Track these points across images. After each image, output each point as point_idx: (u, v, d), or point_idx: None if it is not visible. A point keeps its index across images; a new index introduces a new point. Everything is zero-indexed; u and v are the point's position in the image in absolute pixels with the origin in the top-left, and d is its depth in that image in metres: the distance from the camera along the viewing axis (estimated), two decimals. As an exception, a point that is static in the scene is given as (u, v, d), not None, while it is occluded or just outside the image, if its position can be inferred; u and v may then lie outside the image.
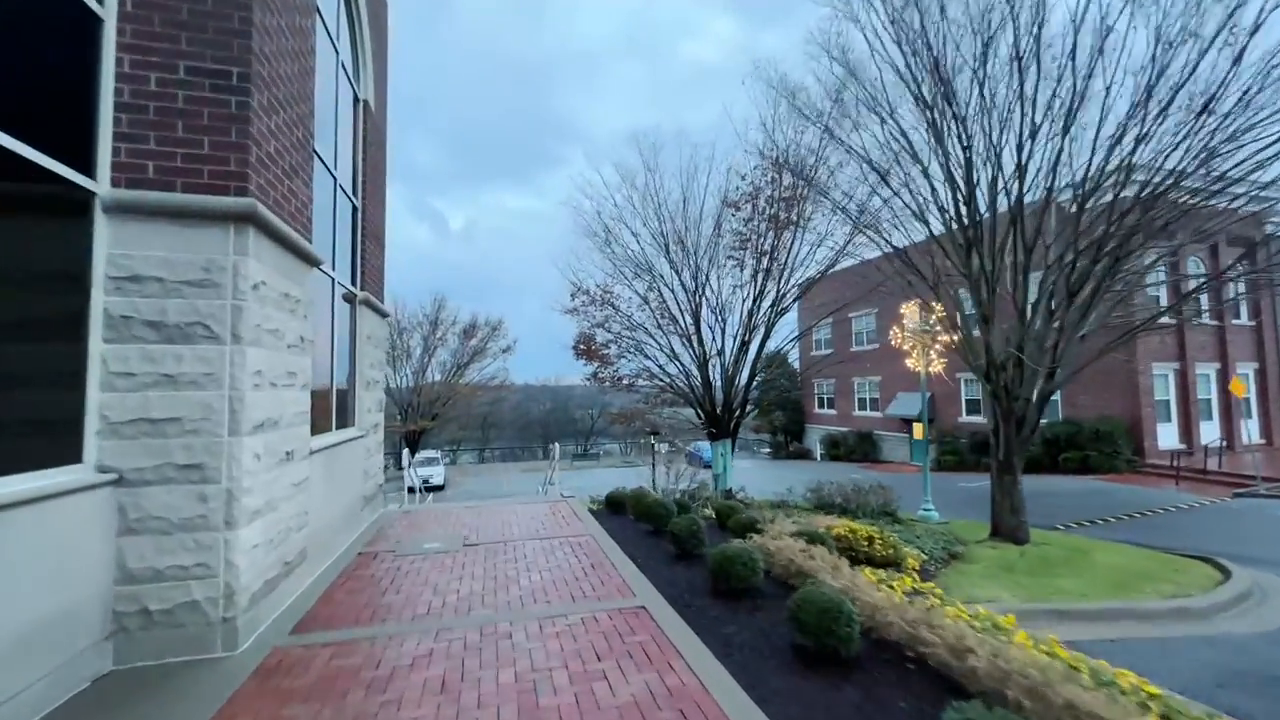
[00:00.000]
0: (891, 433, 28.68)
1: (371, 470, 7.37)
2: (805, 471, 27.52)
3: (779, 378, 25.47)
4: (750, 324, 15.63)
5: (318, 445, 5.19)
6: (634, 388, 17.67)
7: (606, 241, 16.08)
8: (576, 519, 7.50)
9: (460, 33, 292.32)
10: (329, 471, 5.58)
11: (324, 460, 5.42)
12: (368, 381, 7.19)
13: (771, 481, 22.09)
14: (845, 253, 14.84)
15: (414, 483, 10.65)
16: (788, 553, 4.68)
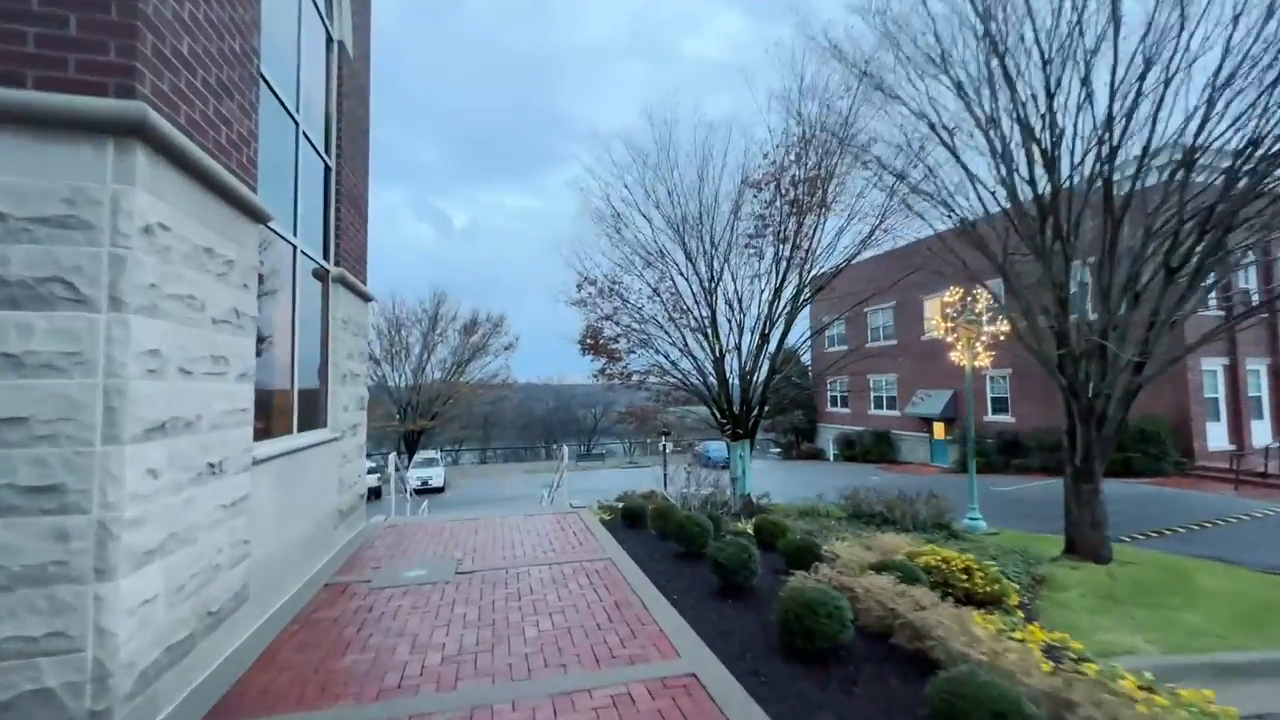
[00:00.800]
0: (910, 432, 27.49)
1: (349, 479, 6.26)
2: (821, 473, 26.37)
3: (793, 375, 24.28)
4: (771, 315, 14.49)
5: (268, 452, 4.08)
6: (644, 385, 16.55)
7: (616, 227, 14.97)
8: (590, 536, 6.37)
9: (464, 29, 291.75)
10: (286, 484, 4.47)
11: (278, 470, 4.30)
12: (344, 375, 6.07)
13: (790, 484, 20.97)
14: (880, 232, 13.68)
15: (405, 487, 9.57)
16: (881, 596, 3.54)
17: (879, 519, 9.66)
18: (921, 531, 8.42)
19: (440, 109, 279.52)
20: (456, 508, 22.42)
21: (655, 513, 6.65)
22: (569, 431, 61.36)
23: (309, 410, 5.42)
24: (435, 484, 26.04)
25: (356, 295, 6.64)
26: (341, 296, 6.06)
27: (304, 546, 4.82)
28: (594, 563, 5.27)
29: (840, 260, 14.73)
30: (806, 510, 11.95)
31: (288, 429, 4.74)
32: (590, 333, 16.55)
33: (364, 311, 7.02)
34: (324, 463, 5.47)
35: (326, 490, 5.54)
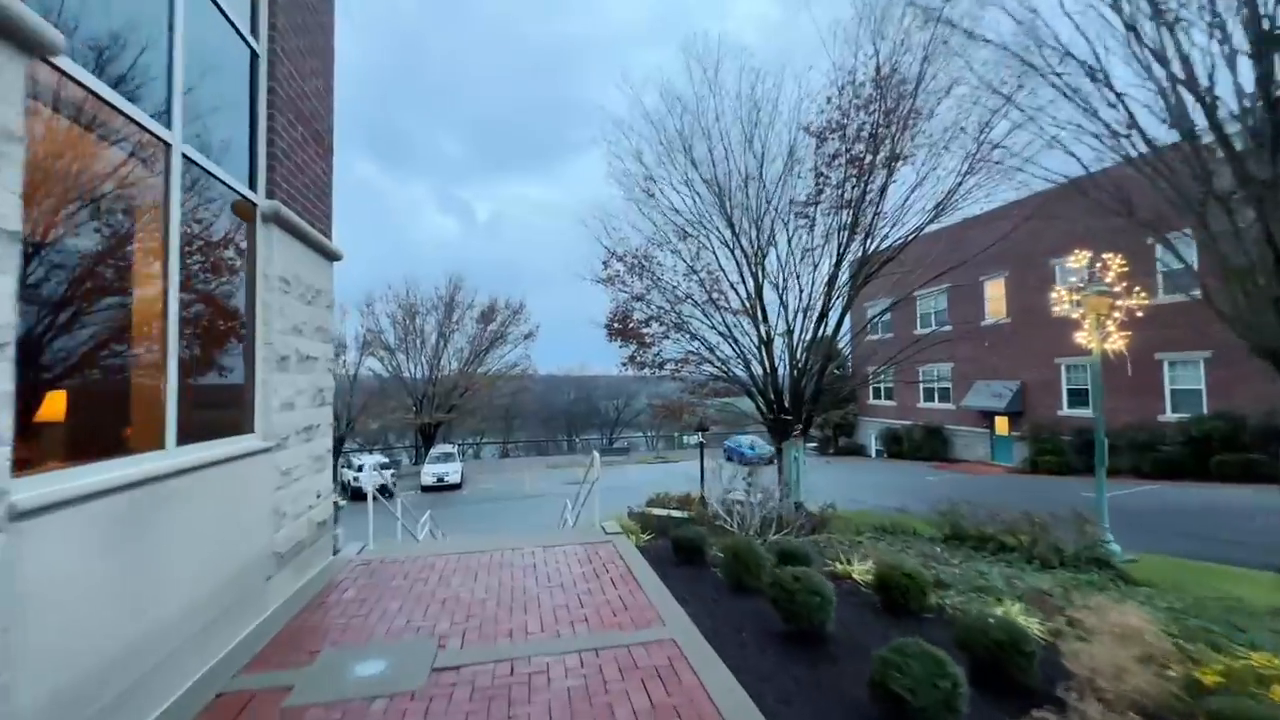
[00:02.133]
0: (967, 427, 25.01)
1: (296, 504, 4.44)
2: (868, 472, 24.07)
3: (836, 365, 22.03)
4: (832, 292, 12.37)
5: (77, 490, 2.24)
6: (678, 375, 14.59)
7: (647, 190, 12.97)
8: (634, 585, 4.46)
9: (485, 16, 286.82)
10: (138, 535, 2.64)
11: (115, 516, 2.47)
12: (283, 356, 4.24)
13: (838, 486, 18.77)
14: (960, 196, 11.40)
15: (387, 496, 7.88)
16: None
17: (992, 544, 7.56)
18: (1075, 570, 6.29)
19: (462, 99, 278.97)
20: (474, 506, 20.85)
21: (731, 556, 4.68)
22: (591, 424, 60.04)
23: (212, 410, 3.60)
24: (452, 480, 24.55)
25: (310, 247, 4.80)
26: (280, 244, 4.21)
27: (185, 630, 2.99)
28: (649, 649, 3.36)
29: (909, 230, 12.48)
30: (885, 526, 9.87)
31: (151, 442, 2.90)
32: (618, 315, 14.64)
33: (324, 272, 5.18)
34: (238, 488, 3.65)
35: (247, 528, 3.72)
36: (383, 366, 29.79)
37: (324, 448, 5.11)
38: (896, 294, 14.51)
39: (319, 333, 5.00)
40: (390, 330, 29.46)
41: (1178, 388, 17.44)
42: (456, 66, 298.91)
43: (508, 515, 18.83)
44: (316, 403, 4.93)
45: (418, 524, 8.99)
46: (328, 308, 5.24)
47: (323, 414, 5.08)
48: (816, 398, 13.92)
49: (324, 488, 5.12)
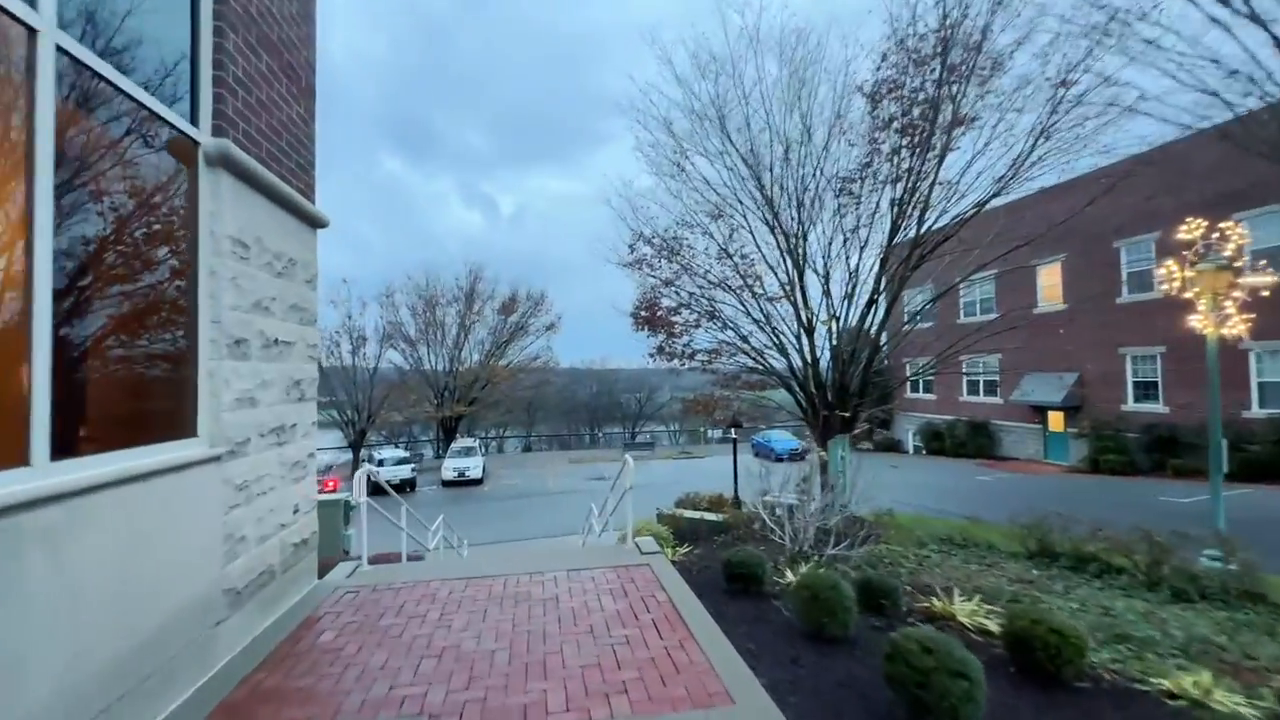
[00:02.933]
0: (1016, 423, 23.39)
1: (255, 527, 3.56)
2: (912, 470, 22.58)
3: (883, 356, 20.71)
4: (883, 274, 11.15)
5: None
6: (710, 367, 13.52)
7: (678, 163, 11.85)
8: (683, 631, 3.48)
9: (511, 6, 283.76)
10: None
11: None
12: (236, 340, 3.34)
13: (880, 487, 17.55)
14: (1034, 161, 10.04)
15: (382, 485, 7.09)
16: None
17: (1094, 565, 6.36)
18: (1223, 604, 5.08)
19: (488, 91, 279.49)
20: (495, 503, 20.17)
21: (809, 596, 3.64)
22: (612, 417, 59.50)
23: (128, 408, 2.71)
24: (473, 475, 23.97)
25: (281, 206, 3.90)
26: (233, 197, 3.31)
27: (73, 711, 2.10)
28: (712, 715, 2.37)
29: (969, 204, 11.12)
30: (952, 537, 8.70)
31: (4, 457, 2.00)
32: (645, 303, 13.61)
33: (302, 240, 4.28)
34: (167, 511, 2.76)
35: (183, 563, 2.85)
36: (403, 359, 29.42)
37: (304, 451, 4.23)
38: (944, 279, 13.17)
39: (295, 312, 4.10)
40: (410, 322, 29.01)
41: (1266, 380, 15.69)
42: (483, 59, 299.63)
43: (531, 514, 18.08)
44: (293, 397, 4.04)
45: (429, 531, 8.16)
46: (308, 283, 4.34)
47: (302, 411, 4.20)
48: (863, 391, 12.73)
49: (305, 500, 4.25)
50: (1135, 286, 18.95)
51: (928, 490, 16.75)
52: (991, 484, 18.30)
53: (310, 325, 4.38)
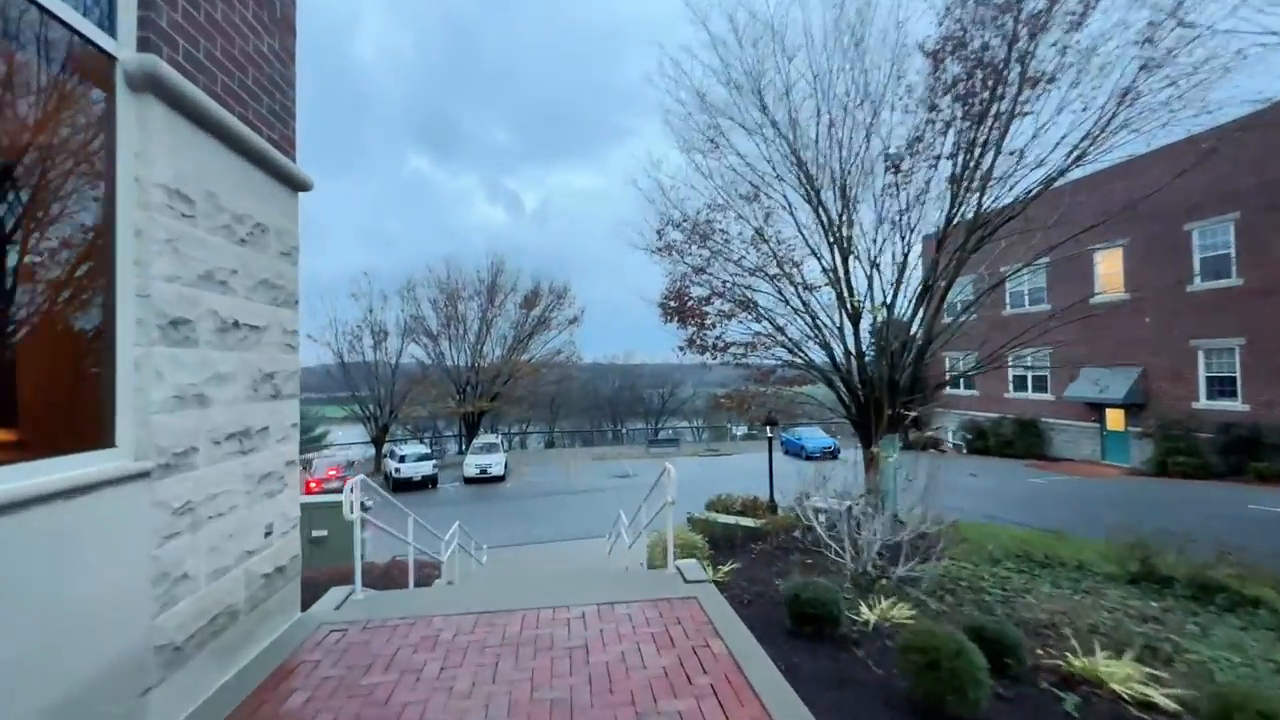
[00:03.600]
0: (1069, 421, 21.86)
1: (205, 560, 2.81)
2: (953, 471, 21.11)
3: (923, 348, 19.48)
4: (939, 258, 10.07)
5: None
6: (744, 360, 12.57)
7: (710, 138, 10.89)
8: (746, 693, 2.62)
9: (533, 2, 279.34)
10: None
11: None
12: (174, 320, 2.59)
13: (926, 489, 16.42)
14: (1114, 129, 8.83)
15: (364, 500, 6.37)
16: None
17: (1223, 597, 5.30)
18: None
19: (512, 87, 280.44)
20: (517, 502, 19.58)
21: (922, 663, 2.72)
22: (635, 412, 58.90)
23: None
24: (495, 472, 23.46)
25: (242, 155, 3.13)
26: (167, 134, 2.54)
27: None
28: None
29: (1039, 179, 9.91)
30: (1029, 553, 7.64)
31: None
32: (674, 293, 12.72)
33: (275, 202, 3.51)
34: (62, 551, 2.01)
35: (88, 616, 2.10)
36: (425, 354, 29.07)
37: (280, 460, 3.49)
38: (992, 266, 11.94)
39: (265, 290, 3.35)
40: (432, 316, 28.64)
41: (1369, 375, 14.05)
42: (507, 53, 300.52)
43: (553, 514, 17.41)
44: (262, 394, 3.29)
45: (443, 541, 7.45)
46: (284, 255, 3.58)
47: (277, 411, 3.45)
48: (913, 386, 11.68)
49: (284, 518, 3.51)
50: (1210, 273, 17.31)
51: (978, 494, 15.53)
52: (1047, 487, 16.96)
53: (289, 307, 3.63)
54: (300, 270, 3.78)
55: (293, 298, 3.67)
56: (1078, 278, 20.92)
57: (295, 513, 3.65)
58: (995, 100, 9.13)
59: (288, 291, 3.61)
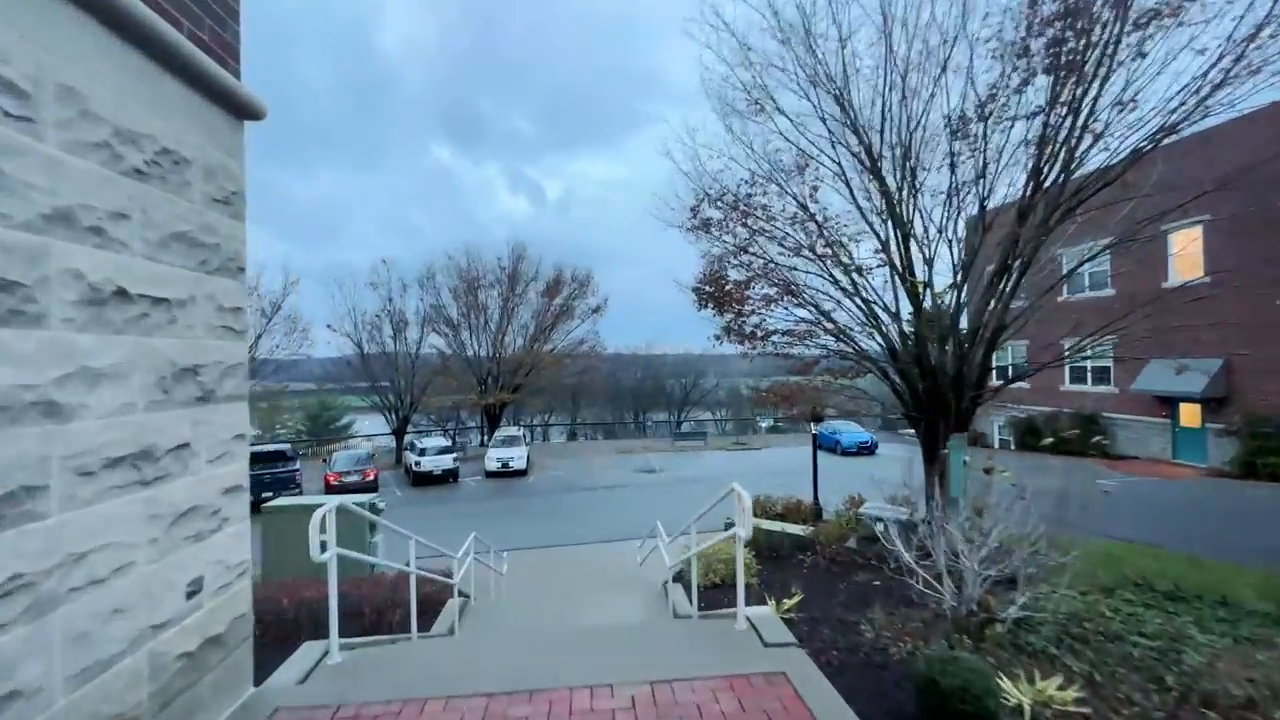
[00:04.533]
0: (1134, 416, 20.13)
1: (71, 656, 1.84)
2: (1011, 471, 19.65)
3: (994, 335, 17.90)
4: (1027, 229, 8.74)
5: None
6: (789, 350, 11.38)
7: (755, 104, 9.65)
8: None
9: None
10: None
11: None
12: (-14, 280, 1.58)
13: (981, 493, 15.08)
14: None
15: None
16: None
17: None
18: None
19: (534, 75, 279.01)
20: (540, 498, 18.75)
21: None
22: (657, 404, 58.14)
23: None
24: (517, 466, 22.72)
25: (139, 48, 2.12)
26: None
27: None
28: None
29: (1144, 135, 8.44)
30: (1151, 583, 6.38)
31: None
32: (710, 276, 11.58)
33: (203, 127, 2.49)
34: None
35: None
36: (446, 343, 28.43)
37: (213, 489, 2.50)
38: (1066, 244, 10.49)
39: (182, 248, 2.34)
40: (452, 305, 27.92)
41: None
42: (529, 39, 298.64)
43: (577, 512, 16.52)
44: (178, 397, 2.30)
45: (455, 559, 6.51)
46: (220, 203, 2.57)
47: (205, 421, 2.46)
48: (982, 378, 10.38)
49: (222, 567, 2.53)
50: None
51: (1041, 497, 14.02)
52: (1119, 490, 15.40)
53: (227, 276, 2.62)
54: (249, 234, 2.77)
55: (233, 263, 2.66)
56: (1146, 260, 19.06)
57: (241, 556, 2.67)
58: (1106, 41, 7.72)
59: (224, 254, 2.61)
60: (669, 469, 23.61)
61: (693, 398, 57.71)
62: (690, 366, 56.62)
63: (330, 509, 3.15)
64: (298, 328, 24.68)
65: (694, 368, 56.79)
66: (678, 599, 6.33)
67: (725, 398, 59.15)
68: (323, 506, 3.12)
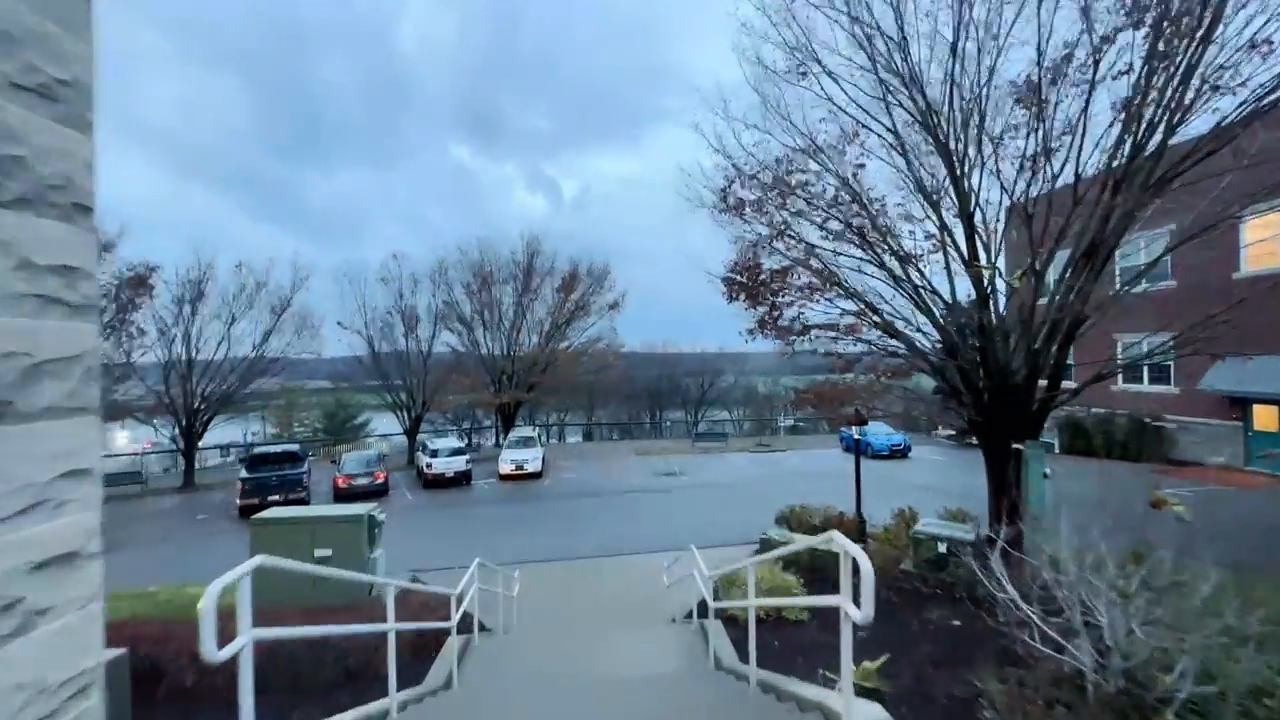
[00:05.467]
0: (1199, 419, 18.51)
1: None
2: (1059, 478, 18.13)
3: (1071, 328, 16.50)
4: (1122, 205, 7.51)
5: None
6: (836, 349, 10.21)
7: (799, 69, 8.52)
8: None
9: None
10: None
11: None
12: None
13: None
14: None
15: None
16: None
17: None
18: None
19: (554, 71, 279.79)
20: (557, 503, 17.78)
21: None
22: (674, 403, 57.23)
23: None
24: (532, 469, 21.80)
25: None
26: None
27: None
28: None
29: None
30: None
31: None
32: (743, 265, 10.47)
33: None
34: None
35: None
36: (459, 341, 27.66)
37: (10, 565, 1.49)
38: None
39: None
40: (465, 301, 27.11)
41: None
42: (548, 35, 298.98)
43: (595, 520, 15.50)
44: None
45: (453, 598, 5.49)
46: (28, 92, 1.56)
47: None
48: (1056, 377, 9.18)
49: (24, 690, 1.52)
50: None
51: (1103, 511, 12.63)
52: (1195, 502, 13.92)
53: (45, 214, 1.61)
54: (98, 155, 1.75)
55: (60, 195, 1.65)
56: (1212, 248, 17.42)
57: (72, 670, 1.67)
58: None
59: (37, 177, 1.59)
60: (690, 472, 22.51)
61: (710, 397, 56.62)
62: (707, 365, 55.48)
63: (238, 576, 2.13)
64: (308, 325, 24.08)
65: (711, 366, 55.66)
66: (719, 645, 5.25)
67: (743, 397, 57.92)
68: (233, 572, 2.10)
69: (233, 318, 22.18)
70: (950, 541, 8.32)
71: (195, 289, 21.18)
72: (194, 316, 21.37)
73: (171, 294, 20.90)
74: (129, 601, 9.61)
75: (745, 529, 12.59)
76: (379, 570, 8.84)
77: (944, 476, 21.43)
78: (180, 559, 13.07)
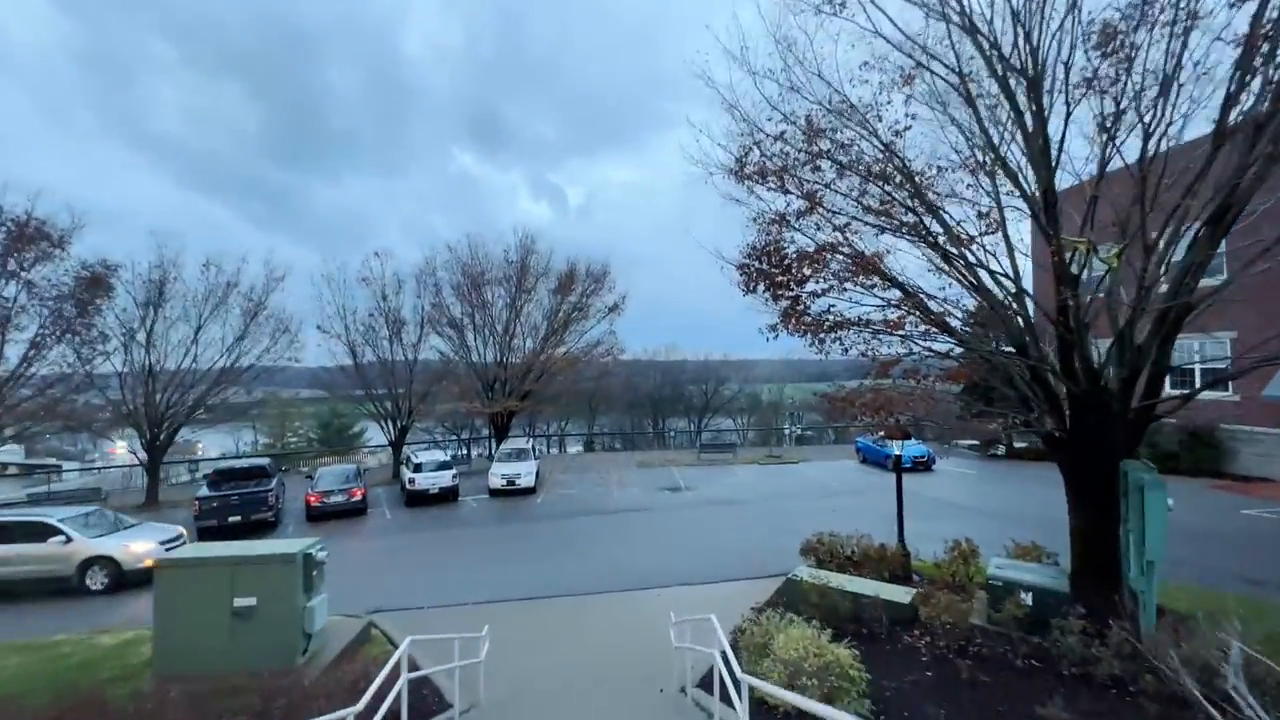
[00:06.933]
0: (1266, 429, 16.69)
1: None
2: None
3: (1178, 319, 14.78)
4: (1257, 162, 5.83)
5: None
6: (871, 349, 8.49)
7: None
8: None
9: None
10: None
11: None
12: None
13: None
14: None
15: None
16: None
17: None
18: None
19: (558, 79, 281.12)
20: (550, 524, 15.94)
21: None
22: (677, 411, 55.80)
23: None
24: (524, 484, 20.03)
25: None
26: None
27: None
28: None
29: None
30: None
31: None
32: (762, 248, 8.78)
33: None
34: None
35: None
36: (449, 347, 25.92)
37: None
38: None
39: None
40: (455, 303, 25.42)
41: None
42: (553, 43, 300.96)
43: (592, 544, 13.67)
44: None
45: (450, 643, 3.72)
46: None
47: None
48: (1156, 383, 7.49)
49: None
50: None
51: (1184, 536, 10.76)
52: (1274, 524, 12.11)
53: None
54: None
55: None
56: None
57: None
58: None
59: None
60: (697, 486, 20.70)
61: (714, 404, 55.08)
62: (711, 372, 53.98)
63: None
64: (286, 329, 22.40)
65: (715, 373, 54.14)
66: None
67: (748, 404, 56.35)
68: None
69: (200, 321, 20.60)
70: (1035, 591, 6.55)
71: (156, 290, 19.60)
72: (155, 319, 19.78)
73: (130, 295, 19.34)
74: (17, 657, 7.88)
75: (763, 557, 10.80)
76: (316, 621, 7.09)
77: (975, 492, 19.63)
78: (106, 596, 11.34)
